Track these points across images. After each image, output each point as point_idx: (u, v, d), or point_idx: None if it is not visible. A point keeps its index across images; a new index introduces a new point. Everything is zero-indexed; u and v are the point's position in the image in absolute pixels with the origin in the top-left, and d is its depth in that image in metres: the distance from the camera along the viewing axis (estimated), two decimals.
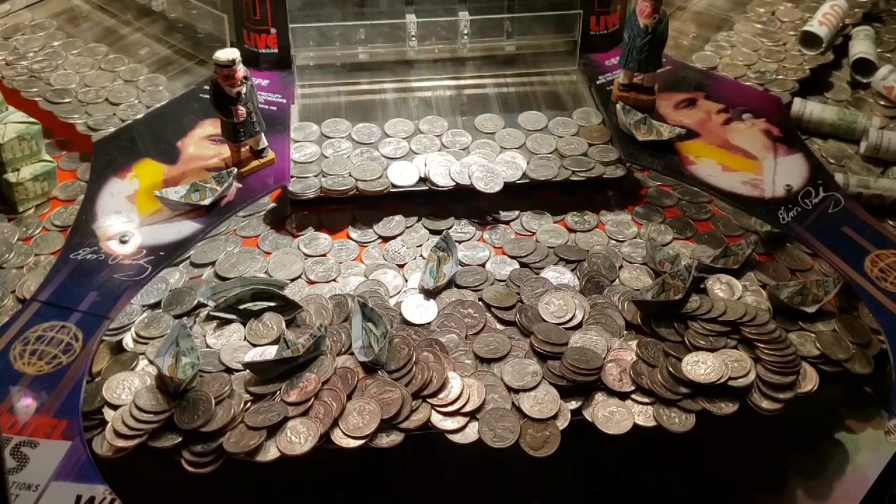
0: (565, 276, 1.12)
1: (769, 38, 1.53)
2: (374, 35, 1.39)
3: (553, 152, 1.26)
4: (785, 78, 1.43)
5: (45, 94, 1.36)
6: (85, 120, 1.32)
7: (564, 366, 1.00)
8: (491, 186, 1.20)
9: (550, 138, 1.29)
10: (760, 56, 1.49)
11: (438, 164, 1.23)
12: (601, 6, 1.41)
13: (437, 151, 1.26)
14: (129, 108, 1.34)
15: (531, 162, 1.24)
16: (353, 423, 0.94)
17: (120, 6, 1.55)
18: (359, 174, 1.21)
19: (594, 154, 1.26)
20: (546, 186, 1.23)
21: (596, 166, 1.24)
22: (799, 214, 1.16)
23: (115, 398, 0.96)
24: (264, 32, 1.35)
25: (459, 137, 1.29)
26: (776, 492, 1.11)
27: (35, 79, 1.40)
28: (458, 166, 1.22)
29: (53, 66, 1.42)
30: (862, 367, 1.02)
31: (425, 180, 1.21)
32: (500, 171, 1.22)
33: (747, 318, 1.04)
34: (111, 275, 1.06)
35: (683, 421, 0.97)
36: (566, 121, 1.32)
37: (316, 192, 1.19)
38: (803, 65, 1.46)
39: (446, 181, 1.21)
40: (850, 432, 1.04)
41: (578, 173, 1.23)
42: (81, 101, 1.35)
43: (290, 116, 1.30)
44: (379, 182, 1.21)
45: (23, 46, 1.47)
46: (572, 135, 1.30)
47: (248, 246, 1.17)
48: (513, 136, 1.29)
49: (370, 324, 1.02)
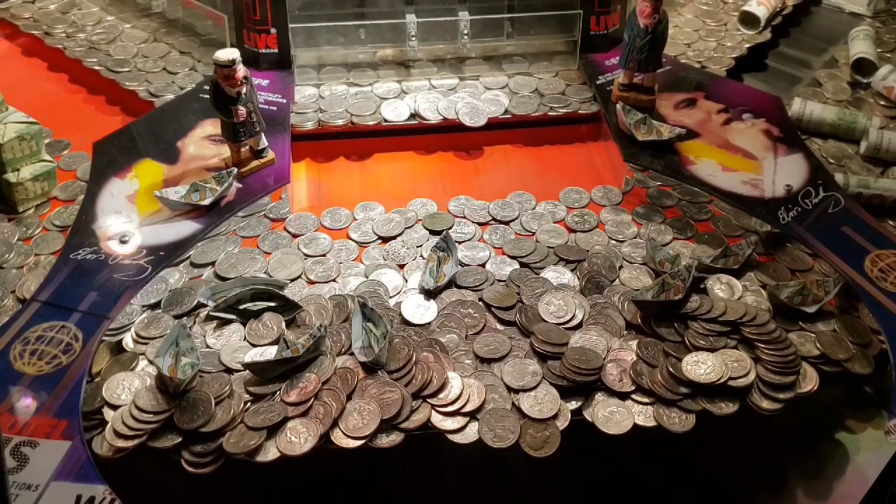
0: (565, 276, 1.12)
1: (712, 18, 1.58)
2: (374, 35, 1.39)
3: (533, 92, 1.38)
4: (722, 56, 1.48)
5: (105, 63, 1.42)
6: (146, 87, 1.38)
7: (564, 366, 1.00)
8: (476, 121, 1.32)
9: (531, 80, 1.40)
10: (701, 35, 1.54)
11: (427, 100, 1.35)
12: (601, 6, 1.41)
13: (427, 91, 1.37)
14: (187, 76, 1.40)
15: (513, 100, 1.36)
16: (353, 424, 0.94)
17: (120, 6, 1.55)
18: (354, 110, 1.33)
19: (570, 93, 1.38)
20: (527, 123, 1.35)
21: (572, 103, 1.36)
22: (799, 214, 1.16)
23: (115, 398, 0.96)
24: (264, 32, 1.35)
25: (447, 80, 1.39)
26: (776, 492, 1.11)
27: (95, 50, 1.45)
28: (446, 102, 1.34)
29: (111, 38, 1.48)
30: (862, 367, 1.02)
31: (415, 115, 1.32)
32: (485, 107, 1.33)
33: (747, 318, 1.04)
34: (111, 275, 1.06)
35: (683, 421, 0.97)
36: (546, 65, 1.43)
37: (314, 124, 1.30)
38: (742, 43, 1.51)
39: (434, 116, 1.32)
40: (851, 432, 1.04)
41: (556, 108, 1.35)
42: (140, 70, 1.41)
43: (290, 116, 1.30)
44: (372, 117, 1.32)
45: (80, 20, 1.52)
46: (552, 76, 1.42)
47: (248, 246, 1.17)
48: (497, 78, 1.41)
49: (370, 324, 1.02)
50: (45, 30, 1.50)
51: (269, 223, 1.20)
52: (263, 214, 1.21)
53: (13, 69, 1.47)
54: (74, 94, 1.43)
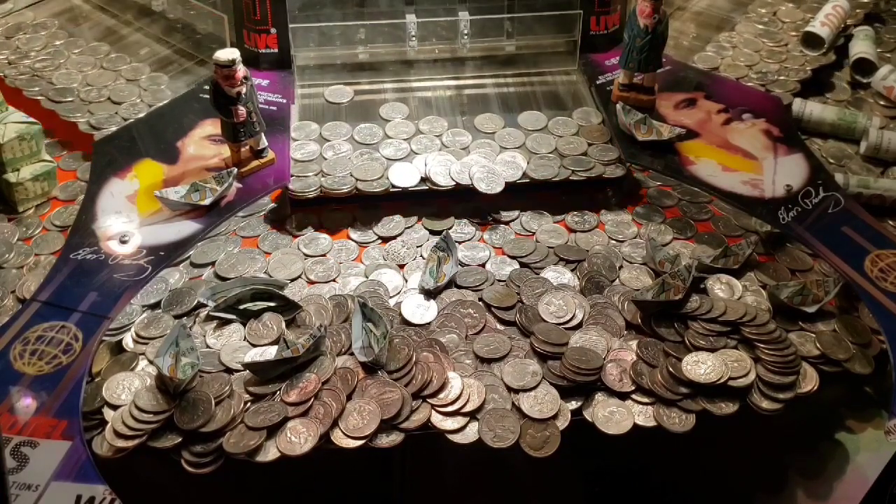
0: (565, 276, 1.12)
1: (771, 38, 1.53)
2: (374, 35, 1.39)
3: (553, 152, 1.27)
4: (787, 78, 1.43)
5: (47, 93, 1.37)
6: (87, 119, 1.32)
7: (564, 366, 1.00)
8: (492, 187, 1.20)
9: (550, 138, 1.29)
10: (762, 56, 1.49)
11: (439, 163, 1.23)
12: (601, 6, 1.41)
13: (438, 151, 1.26)
14: (132, 106, 1.35)
15: (531, 161, 1.24)
16: (353, 424, 0.94)
17: (120, 6, 1.55)
18: (359, 174, 1.21)
19: (594, 153, 1.26)
20: (546, 186, 1.23)
21: (596, 166, 1.24)
22: (799, 214, 1.16)
23: (115, 398, 0.96)
24: (264, 32, 1.35)
25: (459, 137, 1.29)
26: (776, 491, 1.11)
27: (37, 78, 1.40)
28: (459, 166, 1.22)
29: (56, 65, 1.43)
30: (862, 367, 1.02)
31: (426, 180, 1.21)
32: (501, 171, 1.22)
33: (747, 318, 1.04)
34: (111, 275, 1.06)
35: (683, 421, 0.97)
36: (566, 120, 1.32)
37: (316, 191, 1.19)
38: (805, 65, 1.46)
39: (447, 181, 1.21)
40: (851, 432, 1.04)
41: (578, 173, 1.23)
42: (84, 100, 1.36)
43: (290, 116, 1.30)
44: (379, 182, 1.20)
45: (25, 45, 1.47)
46: (572, 134, 1.30)
47: (248, 246, 1.17)
48: (512, 135, 1.29)
49: (370, 324, 1.02)
50: None
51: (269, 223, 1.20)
52: (263, 214, 1.21)
53: None
54: None
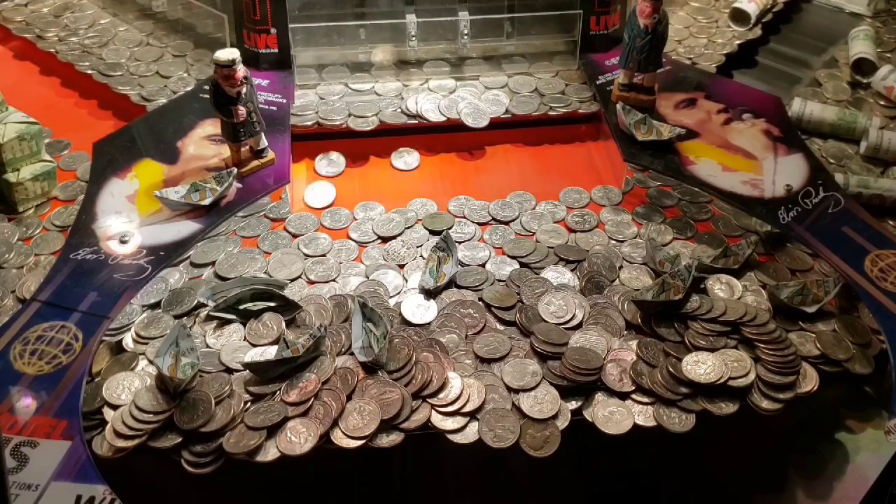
0: (565, 276, 1.12)
1: (703, 15, 1.59)
2: (374, 35, 1.39)
3: (533, 91, 1.38)
4: (713, 52, 1.49)
5: (98, 67, 1.41)
6: (139, 91, 1.36)
7: (565, 366, 1.00)
8: (478, 122, 1.31)
9: (531, 79, 1.40)
10: (692, 32, 1.54)
11: (428, 100, 1.34)
12: (601, 6, 1.41)
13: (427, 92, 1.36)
14: (180, 80, 1.39)
15: (513, 99, 1.36)
16: (353, 424, 0.94)
17: (120, 6, 1.55)
18: (355, 110, 1.32)
19: (570, 92, 1.38)
20: (527, 122, 1.34)
21: (572, 102, 1.36)
22: (799, 214, 1.16)
23: (115, 398, 0.96)
24: (264, 32, 1.35)
25: (445, 82, 1.39)
26: (776, 492, 1.11)
27: (87, 53, 1.44)
28: (447, 102, 1.34)
29: (104, 41, 1.47)
30: (862, 367, 1.02)
31: (416, 116, 1.31)
32: (486, 107, 1.33)
33: (747, 318, 1.04)
34: (111, 275, 1.06)
35: (683, 421, 0.97)
36: (546, 65, 1.43)
37: (313, 124, 1.29)
38: (732, 40, 1.51)
39: (437, 116, 1.31)
40: (851, 432, 1.04)
41: (556, 108, 1.34)
42: (133, 74, 1.40)
43: (290, 116, 1.30)
44: (373, 118, 1.31)
45: (73, 24, 1.51)
46: (551, 76, 1.41)
47: (249, 246, 1.17)
48: (496, 78, 1.40)
49: (370, 324, 1.02)
50: (37, 33, 1.48)
51: (269, 223, 1.20)
52: (263, 214, 1.21)
53: (5, 73, 1.46)
54: (66, 98, 1.42)
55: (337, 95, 1.36)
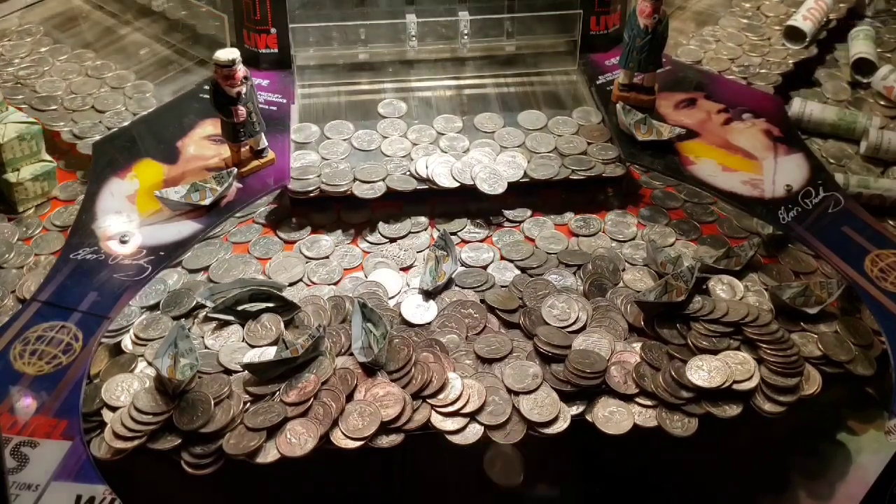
0: (568, 280, 1.12)
1: (754, 32, 1.54)
2: (374, 35, 1.39)
3: (553, 151, 1.26)
4: (768, 72, 1.45)
5: (30, 101, 1.34)
6: (70, 128, 1.30)
7: (568, 370, 0.99)
8: (494, 188, 1.20)
9: (550, 137, 1.29)
10: (745, 50, 1.50)
11: (440, 164, 1.22)
12: (601, 6, 1.41)
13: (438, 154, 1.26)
14: (116, 115, 1.32)
15: (531, 161, 1.24)
16: (353, 424, 0.94)
17: (120, 6, 1.55)
18: (361, 175, 1.21)
19: (594, 153, 1.26)
20: (547, 185, 1.23)
21: (596, 165, 1.24)
22: (799, 214, 1.15)
23: (114, 400, 0.96)
24: (264, 32, 1.35)
25: (459, 143, 1.28)
26: (778, 492, 1.10)
27: (21, 85, 1.38)
28: (461, 165, 1.22)
29: (40, 72, 1.41)
30: (864, 368, 1.01)
31: (427, 181, 1.21)
32: (503, 171, 1.21)
33: (750, 319, 1.04)
34: (111, 275, 1.06)
35: (686, 425, 0.96)
36: (566, 119, 1.32)
37: (315, 191, 1.19)
38: (787, 59, 1.48)
39: (449, 182, 1.20)
40: (852, 433, 1.04)
41: (578, 172, 1.23)
42: (67, 109, 1.33)
43: (290, 116, 1.30)
44: (377, 187, 1.20)
45: (9, 52, 1.45)
46: (572, 133, 1.30)
47: (241, 252, 1.16)
48: (512, 135, 1.29)
49: (370, 324, 1.02)
50: None
51: (260, 228, 1.19)
52: (251, 220, 1.20)
53: None
54: None
55: (341, 156, 1.25)
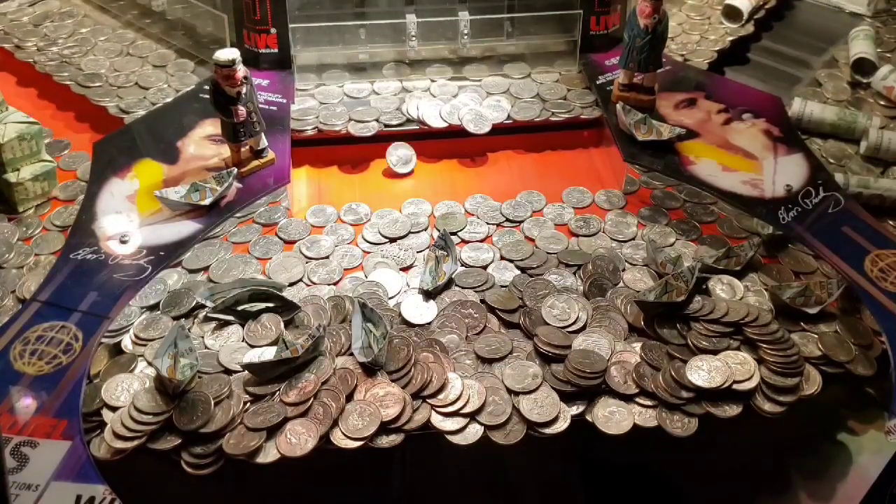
0: (568, 280, 1.12)
1: (696, 12, 1.60)
2: (374, 35, 1.39)
3: (535, 97, 1.37)
4: (705, 49, 1.49)
5: (76, 78, 1.39)
6: (116, 103, 1.34)
7: (568, 370, 0.99)
8: (480, 128, 1.31)
9: (532, 84, 1.40)
10: (685, 29, 1.55)
11: (430, 106, 1.33)
12: (601, 6, 1.41)
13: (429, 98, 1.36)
14: (159, 91, 1.37)
15: (515, 105, 1.36)
16: (353, 424, 0.94)
17: (120, 6, 1.55)
18: (355, 115, 1.32)
19: (572, 98, 1.38)
20: (529, 128, 1.34)
21: (574, 108, 1.35)
22: (799, 214, 1.15)
23: (114, 400, 0.96)
24: (264, 32, 1.35)
25: (447, 88, 1.38)
26: (778, 492, 1.10)
27: (66, 64, 1.42)
28: (449, 108, 1.33)
29: (83, 51, 1.45)
30: (864, 368, 1.01)
31: (417, 122, 1.31)
32: (488, 114, 1.32)
33: (750, 319, 1.04)
34: (111, 275, 1.06)
35: (686, 425, 0.96)
36: (547, 70, 1.43)
37: (313, 130, 1.29)
38: (724, 37, 1.53)
39: (438, 122, 1.31)
40: (853, 433, 1.04)
41: (558, 114, 1.34)
42: (112, 85, 1.38)
43: (290, 116, 1.30)
44: (370, 126, 1.31)
45: (53, 33, 1.49)
46: (553, 82, 1.41)
47: (242, 252, 1.16)
48: (498, 83, 1.40)
49: (370, 324, 1.02)
50: (15, 43, 1.46)
51: (260, 228, 1.19)
52: (251, 220, 1.20)
53: None
54: (43, 109, 1.39)
55: (336, 99, 1.36)
